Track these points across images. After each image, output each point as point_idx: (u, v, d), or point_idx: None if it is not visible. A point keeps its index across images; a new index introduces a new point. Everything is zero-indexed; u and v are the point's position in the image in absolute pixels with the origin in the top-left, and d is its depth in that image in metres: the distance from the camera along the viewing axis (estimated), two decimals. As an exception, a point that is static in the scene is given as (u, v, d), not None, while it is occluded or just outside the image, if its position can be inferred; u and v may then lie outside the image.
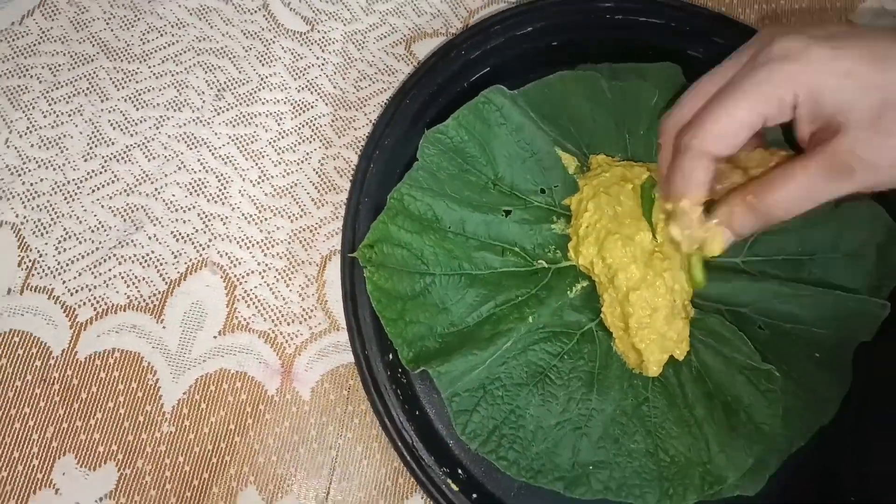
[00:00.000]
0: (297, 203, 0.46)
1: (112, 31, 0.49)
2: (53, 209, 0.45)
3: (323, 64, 0.50)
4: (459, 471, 0.41)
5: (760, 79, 0.32)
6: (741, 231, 0.34)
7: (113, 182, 0.46)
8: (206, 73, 0.49)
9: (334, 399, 0.43)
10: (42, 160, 0.46)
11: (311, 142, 0.48)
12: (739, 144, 0.33)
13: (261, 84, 0.49)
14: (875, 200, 0.44)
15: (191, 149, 0.47)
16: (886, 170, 0.31)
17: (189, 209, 0.45)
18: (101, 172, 0.46)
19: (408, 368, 0.40)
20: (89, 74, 0.48)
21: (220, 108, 0.48)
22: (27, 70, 0.47)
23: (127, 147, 0.46)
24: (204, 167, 0.46)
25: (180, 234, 0.45)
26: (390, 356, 0.41)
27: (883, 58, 0.31)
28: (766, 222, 0.34)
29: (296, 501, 0.41)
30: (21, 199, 0.45)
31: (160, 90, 0.48)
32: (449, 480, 0.40)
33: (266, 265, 0.45)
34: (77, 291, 0.43)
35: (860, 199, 0.44)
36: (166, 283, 0.44)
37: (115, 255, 0.44)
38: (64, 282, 0.43)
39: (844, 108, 0.31)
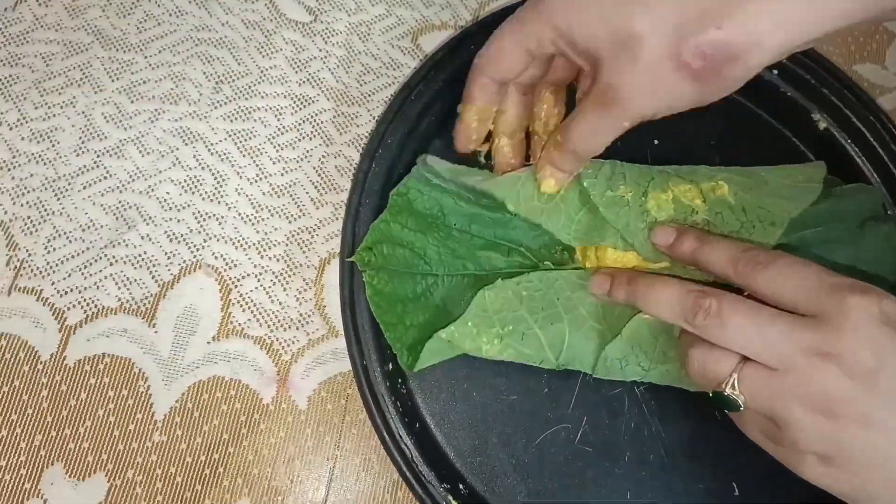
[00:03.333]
0: (296, 203, 0.44)
1: (108, 18, 0.47)
2: (43, 206, 0.43)
3: (325, 56, 0.47)
4: (461, 486, 0.39)
5: (522, 17, 0.35)
6: (562, 167, 0.38)
7: (105, 178, 0.44)
8: (203, 64, 0.46)
9: (332, 409, 0.41)
10: (33, 154, 0.44)
11: (311, 139, 0.46)
12: (513, 71, 0.37)
13: (260, 77, 0.47)
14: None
15: (186, 144, 0.45)
16: (647, 97, 0.32)
17: (184, 208, 0.44)
18: (93, 168, 0.44)
19: (406, 372, 0.39)
20: (83, 64, 0.46)
21: (218, 101, 0.46)
22: (19, 59, 0.45)
23: (120, 142, 0.44)
24: (200, 164, 0.44)
25: (174, 234, 0.43)
26: (390, 366, 0.40)
27: None
28: (579, 157, 0.37)
29: (291, 515, 0.40)
30: (10, 195, 0.43)
31: (156, 82, 0.46)
32: (450, 497, 0.38)
33: (262, 268, 0.43)
34: (67, 293, 0.42)
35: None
36: (159, 285, 0.42)
37: (106, 255, 0.42)
38: (53, 283, 0.42)
39: (595, 43, 0.33)
